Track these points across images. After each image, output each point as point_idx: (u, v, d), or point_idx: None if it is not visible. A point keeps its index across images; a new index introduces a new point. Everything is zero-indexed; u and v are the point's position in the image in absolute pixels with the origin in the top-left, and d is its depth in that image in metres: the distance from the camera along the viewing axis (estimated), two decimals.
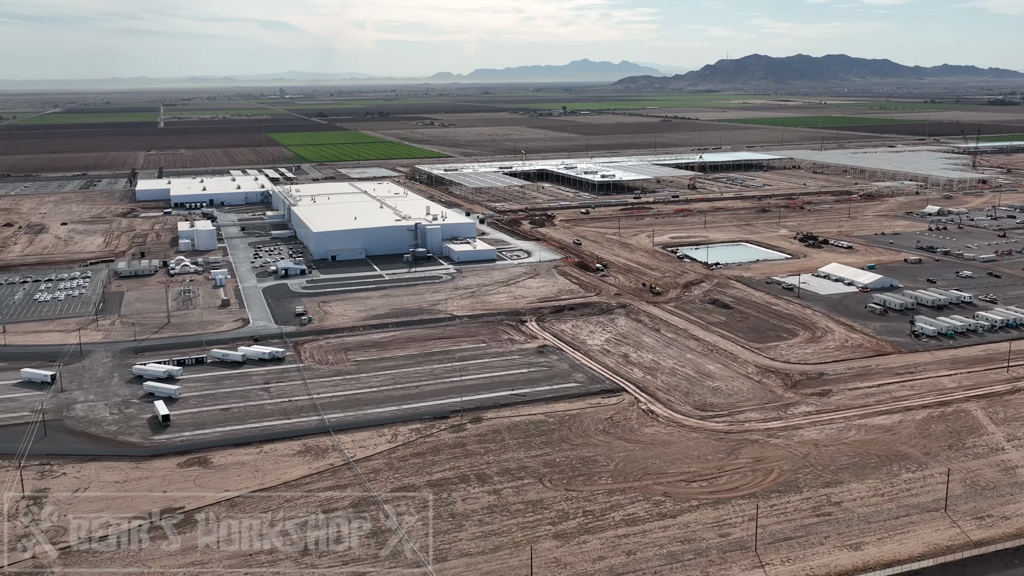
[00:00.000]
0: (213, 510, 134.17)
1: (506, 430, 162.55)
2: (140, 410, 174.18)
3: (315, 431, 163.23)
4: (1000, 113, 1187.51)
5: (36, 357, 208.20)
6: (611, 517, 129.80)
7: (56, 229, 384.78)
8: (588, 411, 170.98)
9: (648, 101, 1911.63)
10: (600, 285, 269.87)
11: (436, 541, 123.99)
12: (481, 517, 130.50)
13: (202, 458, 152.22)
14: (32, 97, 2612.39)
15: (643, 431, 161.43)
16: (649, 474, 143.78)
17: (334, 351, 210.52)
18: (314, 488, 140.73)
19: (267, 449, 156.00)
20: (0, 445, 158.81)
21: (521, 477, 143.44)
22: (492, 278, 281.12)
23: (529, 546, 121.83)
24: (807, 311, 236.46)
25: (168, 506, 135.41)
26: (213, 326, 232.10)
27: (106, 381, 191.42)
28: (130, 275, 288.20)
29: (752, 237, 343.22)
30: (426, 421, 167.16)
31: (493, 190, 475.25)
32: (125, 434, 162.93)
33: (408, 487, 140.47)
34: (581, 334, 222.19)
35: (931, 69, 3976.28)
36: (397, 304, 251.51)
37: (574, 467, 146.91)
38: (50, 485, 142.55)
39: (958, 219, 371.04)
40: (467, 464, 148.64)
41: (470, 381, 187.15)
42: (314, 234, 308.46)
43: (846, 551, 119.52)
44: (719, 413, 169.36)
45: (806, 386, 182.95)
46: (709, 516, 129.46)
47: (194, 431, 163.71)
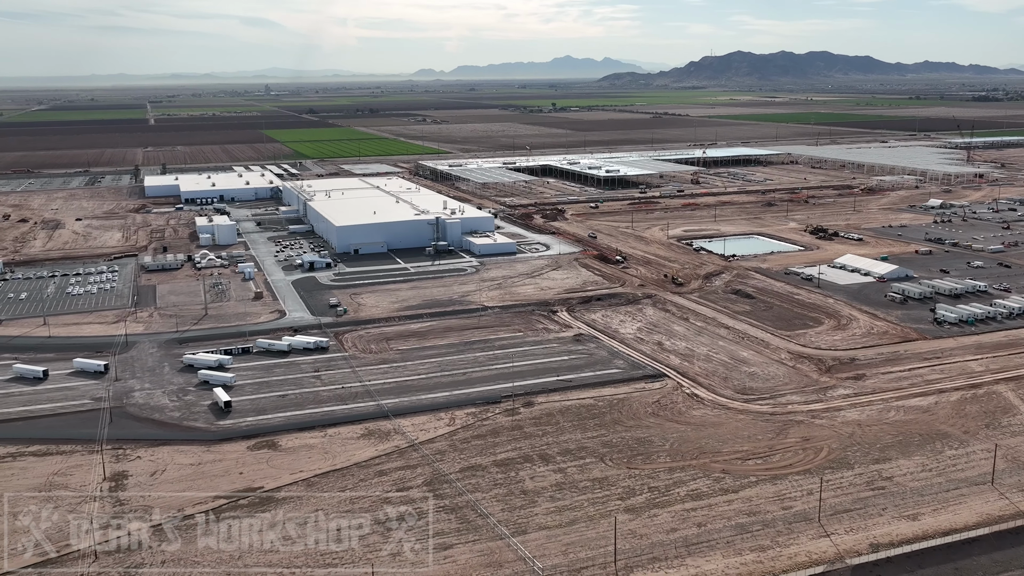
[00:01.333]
0: (293, 489, 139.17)
1: (559, 413, 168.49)
2: (198, 397, 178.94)
3: (374, 416, 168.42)
4: (985, 109, 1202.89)
5: (82, 348, 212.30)
6: (676, 492, 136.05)
7: (72, 225, 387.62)
8: (634, 395, 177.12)
9: (635, 98, 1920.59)
10: (623, 276, 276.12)
11: (514, 516, 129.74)
12: (552, 494, 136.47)
13: (270, 441, 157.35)
14: (13, 94, 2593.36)
15: (691, 413, 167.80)
16: (705, 453, 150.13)
17: (375, 340, 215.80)
18: (385, 468, 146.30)
19: (331, 433, 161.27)
20: (69, 431, 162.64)
21: (582, 457, 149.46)
22: (516, 270, 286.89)
23: (603, 519, 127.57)
24: (829, 300, 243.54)
25: (247, 486, 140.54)
26: (250, 317, 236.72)
27: (157, 370, 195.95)
28: (157, 269, 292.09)
29: (763, 230, 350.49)
30: (479, 406, 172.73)
31: (500, 185, 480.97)
32: (190, 420, 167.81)
33: (476, 467, 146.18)
34: (612, 323, 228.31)
35: (912, 66, 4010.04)
36: (428, 296, 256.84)
37: (631, 447, 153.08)
38: (127, 468, 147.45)
39: (962, 212, 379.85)
40: (528, 445, 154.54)
41: (515, 368, 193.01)
42: (336, 228, 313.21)
43: (904, 521, 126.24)
44: (761, 396, 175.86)
45: (840, 371, 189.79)
46: (769, 491, 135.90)
47: (256, 416, 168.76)
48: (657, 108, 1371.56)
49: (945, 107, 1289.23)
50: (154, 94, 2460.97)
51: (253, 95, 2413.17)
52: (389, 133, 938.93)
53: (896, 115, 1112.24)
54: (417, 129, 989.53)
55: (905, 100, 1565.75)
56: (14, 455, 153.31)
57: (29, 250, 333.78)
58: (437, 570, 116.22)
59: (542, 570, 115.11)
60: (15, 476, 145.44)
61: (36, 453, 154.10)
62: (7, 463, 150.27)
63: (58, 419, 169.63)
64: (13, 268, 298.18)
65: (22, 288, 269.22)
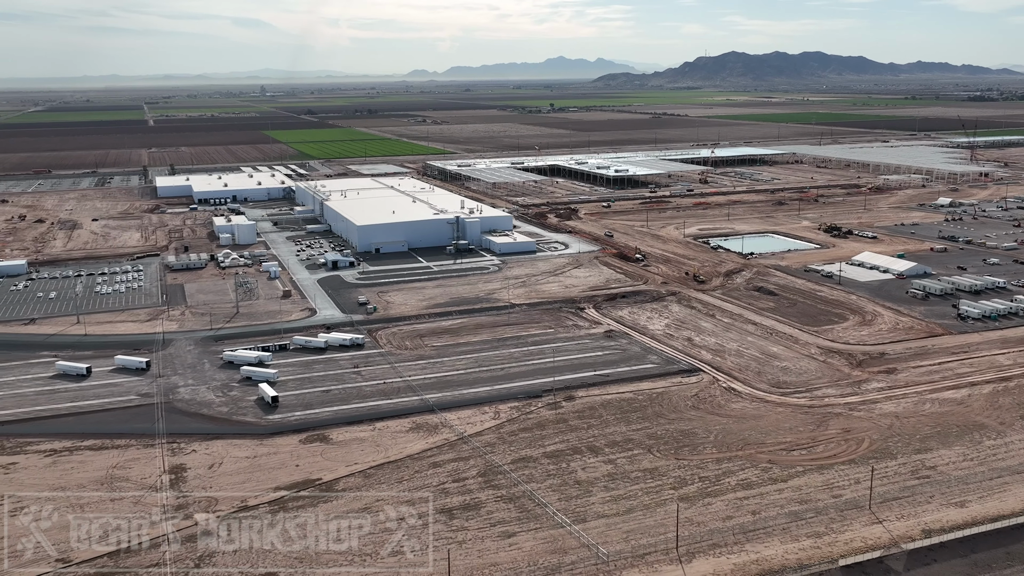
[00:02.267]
0: (351, 481, 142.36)
1: (601, 407, 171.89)
2: (244, 393, 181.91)
3: (419, 410, 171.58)
4: (981, 109, 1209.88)
5: (118, 346, 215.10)
6: (727, 482, 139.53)
7: (89, 225, 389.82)
8: (672, 389, 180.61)
9: (632, 98, 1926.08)
10: (645, 274, 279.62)
11: (571, 505, 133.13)
12: (605, 484, 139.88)
13: (321, 435, 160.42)
14: (7, 95, 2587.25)
15: (730, 407, 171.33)
16: (749, 444, 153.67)
17: (409, 337, 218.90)
18: (438, 460, 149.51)
19: (379, 427, 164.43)
20: (120, 426, 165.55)
21: (630, 448, 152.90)
22: (538, 268, 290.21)
23: (659, 507, 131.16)
24: (852, 297, 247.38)
25: (306, 478, 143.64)
26: (281, 315, 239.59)
27: (198, 367, 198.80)
28: (182, 268, 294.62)
29: (777, 228, 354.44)
30: (522, 400, 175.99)
31: (510, 185, 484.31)
32: (239, 415, 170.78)
33: (527, 458, 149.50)
34: (640, 320, 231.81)
35: (906, 66, 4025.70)
36: (454, 294, 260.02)
37: (676, 439, 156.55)
38: (185, 461, 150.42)
39: (972, 210, 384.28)
40: (575, 437, 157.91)
41: (551, 364, 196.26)
42: (357, 227, 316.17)
43: (952, 508, 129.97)
44: (797, 390, 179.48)
45: (870, 365, 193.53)
46: (817, 480, 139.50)
47: (304, 411, 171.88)
48: (655, 108, 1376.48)
49: (941, 107, 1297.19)
50: (149, 95, 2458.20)
51: (249, 96, 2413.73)
52: (391, 134, 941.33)
53: (894, 115, 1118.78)
54: (418, 130, 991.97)
55: (901, 100, 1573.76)
56: (70, 449, 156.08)
57: (50, 250, 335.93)
58: (502, 558, 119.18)
59: (607, 556, 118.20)
60: (74, 469, 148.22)
61: (92, 447, 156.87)
62: (64, 456, 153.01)
63: (108, 414, 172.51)
64: (38, 268, 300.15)
65: (50, 287, 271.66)
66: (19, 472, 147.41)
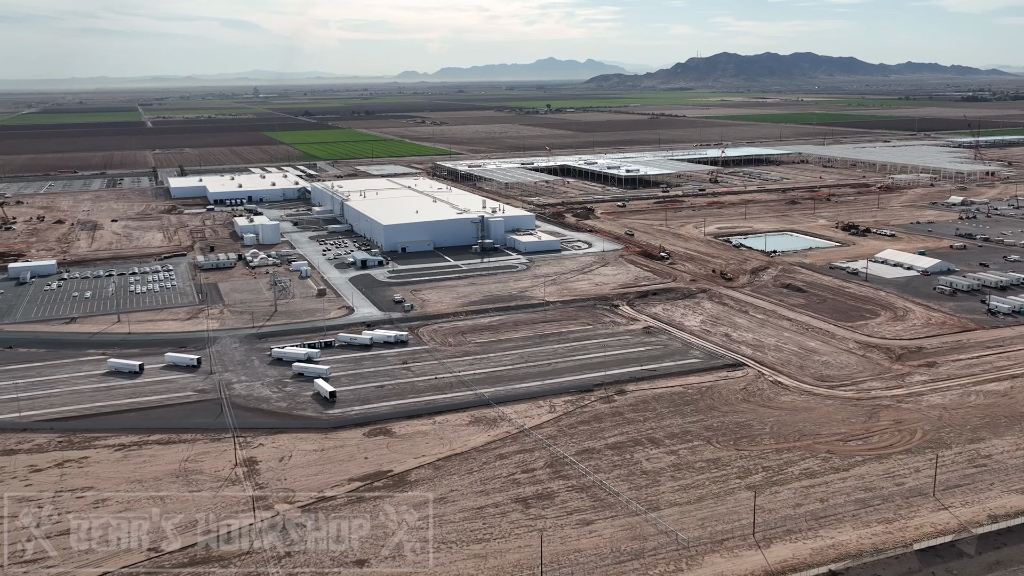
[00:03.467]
0: (421, 472, 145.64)
1: (653, 400, 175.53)
2: (298, 388, 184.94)
3: (475, 404, 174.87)
4: (975, 109, 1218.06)
5: (164, 344, 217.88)
6: (790, 471, 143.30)
7: (109, 225, 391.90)
8: (720, 383, 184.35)
9: (626, 99, 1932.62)
10: (672, 272, 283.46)
11: (641, 494, 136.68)
12: (672, 474, 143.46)
13: (384, 428, 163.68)
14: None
15: (780, 399, 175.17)
16: (805, 435, 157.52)
17: (451, 334, 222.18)
18: (504, 452, 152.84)
19: (439, 420, 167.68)
20: (184, 422, 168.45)
21: (689, 440, 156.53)
22: (566, 267, 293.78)
23: (728, 496, 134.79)
24: (880, 293, 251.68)
25: (377, 470, 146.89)
26: (320, 313, 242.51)
27: (247, 364, 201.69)
28: (211, 268, 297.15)
29: (795, 227, 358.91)
30: (574, 394, 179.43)
31: (523, 185, 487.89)
32: (299, 409, 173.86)
33: (590, 450, 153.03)
34: (675, 316, 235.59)
35: (896, 66, 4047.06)
36: (487, 292, 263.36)
37: (733, 431, 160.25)
38: (254, 454, 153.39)
39: (985, 209, 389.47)
40: (633, 430, 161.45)
41: (595, 359, 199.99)
42: (384, 227, 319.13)
43: (1015, 495, 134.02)
44: (842, 383, 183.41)
45: (910, 359, 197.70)
46: (878, 469, 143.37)
47: (362, 406, 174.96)
48: (652, 109, 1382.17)
49: (936, 107, 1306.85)
50: (140, 96, 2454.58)
51: (242, 97, 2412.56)
52: (392, 135, 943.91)
53: (891, 115, 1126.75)
54: (419, 131, 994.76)
55: (895, 101, 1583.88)
56: (138, 443, 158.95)
57: (76, 250, 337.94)
58: (585, 544, 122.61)
59: (687, 542, 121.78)
60: (146, 463, 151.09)
61: (159, 442, 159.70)
62: (135, 451, 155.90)
63: (169, 410, 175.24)
64: (68, 268, 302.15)
65: (85, 287, 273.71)
66: (93, 466, 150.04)
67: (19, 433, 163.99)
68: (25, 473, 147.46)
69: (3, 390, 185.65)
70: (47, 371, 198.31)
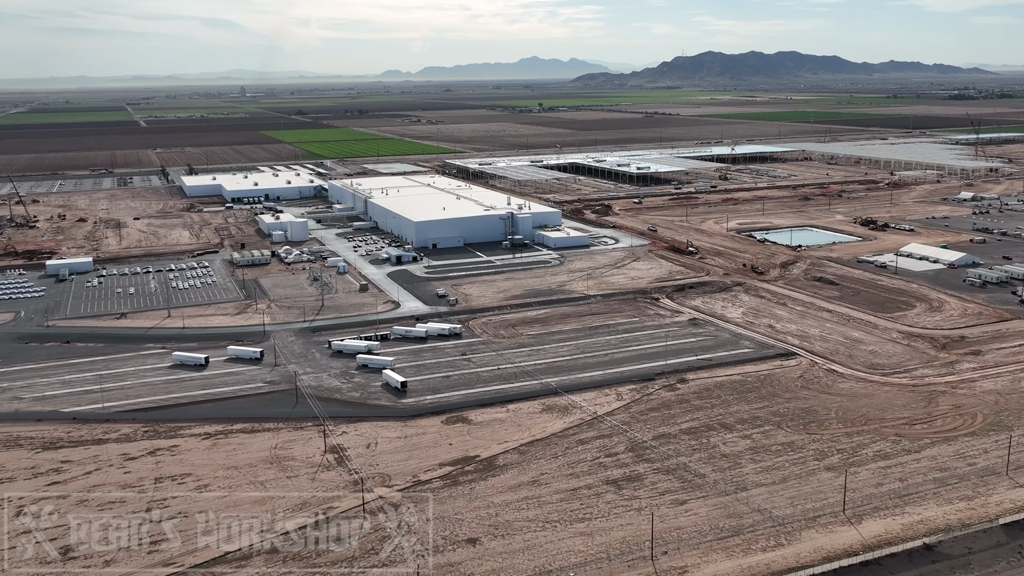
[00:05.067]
0: (508, 457, 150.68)
1: (716, 388, 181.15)
2: (366, 379, 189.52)
3: (543, 393, 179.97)
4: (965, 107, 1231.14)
5: (219, 338, 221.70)
6: (864, 453, 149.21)
7: (133, 223, 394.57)
8: (777, 372, 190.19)
9: (616, 98, 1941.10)
10: (703, 267, 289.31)
11: (726, 476, 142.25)
12: (751, 456, 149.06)
13: (460, 416, 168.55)
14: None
15: (838, 386, 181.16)
16: (871, 420, 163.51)
17: (501, 327, 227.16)
18: (583, 438, 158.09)
19: (512, 408, 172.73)
20: (262, 411, 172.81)
21: (759, 425, 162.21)
22: (598, 262, 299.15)
23: (810, 476, 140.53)
24: (912, 285, 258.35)
25: (464, 455, 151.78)
26: (367, 308, 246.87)
27: (308, 356, 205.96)
28: (247, 264, 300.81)
29: (814, 222, 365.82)
30: (637, 383, 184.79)
31: (535, 183, 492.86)
32: (373, 399, 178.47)
33: (667, 435, 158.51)
34: (715, 308, 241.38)
35: (879, 65, 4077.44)
36: (526, 286, 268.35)
37: (799, 416, 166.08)
38: (341, 442, 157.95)
39: (997, 204, 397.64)
40: (703, 416, 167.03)
41: (651, 349, 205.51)
42: (415, 224, 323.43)
43: None
44: (894, 371, 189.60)
45: (955, 347, 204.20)
46: (948, 451, 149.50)
47: (433, 395, 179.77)
48: (643, 108, 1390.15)
49: (925, 105, 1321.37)
50: (124, 96, 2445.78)
51: (229, 96, 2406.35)
52: (391, 133, 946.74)
53: (883, 113, 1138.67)
54: (417, 129, 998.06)
55: (883, 99, 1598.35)
56: (223, 432, 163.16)
57: (107, 248, 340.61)
58: (684, 522, 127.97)
59: (782, 519, 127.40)
60: (236, 451, 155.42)
61: (244, 430, 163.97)
62: (222, 439, 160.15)
63: (244, 400, 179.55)
64: (104, 265, 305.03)
65: (127, 283, 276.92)
66: (185, 454, 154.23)
67: (104, 424, 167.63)
68: (120, 461, 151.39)
69: (80, 382, 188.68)
70: (113, 364, 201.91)
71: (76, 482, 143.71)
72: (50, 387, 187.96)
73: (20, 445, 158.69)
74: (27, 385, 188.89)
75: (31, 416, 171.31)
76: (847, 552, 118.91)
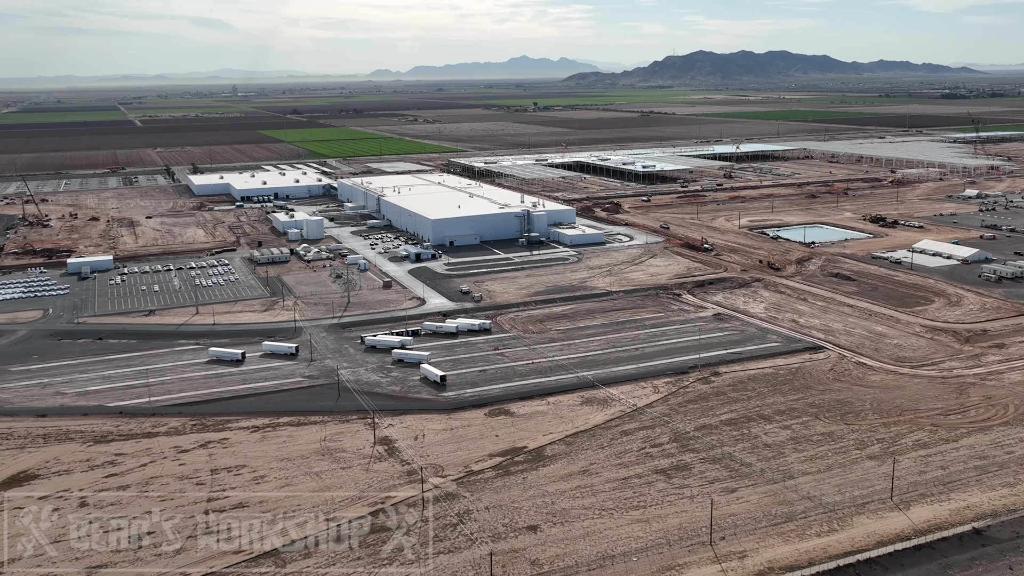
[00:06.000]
0: (555, 448, 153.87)
1: (749, 381, 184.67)
2: (404, 373, 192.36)
3: (581, 386, 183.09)
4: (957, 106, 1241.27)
5: (250, 334, 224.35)
6: (903, 443, 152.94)
7: (146, 222, 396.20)
8: (807, 365, 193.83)
9: (609, 97, 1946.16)
10: (720, 263, 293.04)
11: (772, 464, 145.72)
12: (794, 446, 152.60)
13: (503, 409, 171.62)
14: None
15: (870, 379, 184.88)
16: (906, 411, 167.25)
17: (530, 322, 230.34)
18: (626, 429, 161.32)
19: (552, 401, 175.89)
20: (305, 404, 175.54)
21: (798, 416, 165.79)
22: (616, 259, 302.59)
23: (854, 465, 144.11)
24: (929, 281, 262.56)
25: (512, 446, 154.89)
26: (394, 304, 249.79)
27: (343, 351, 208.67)
28: (267, 262, 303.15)
29: (823, 219, 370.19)
30: (671, 376, 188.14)
31: (542, 181, 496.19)
32: (413, 392, 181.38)
33: (708, 426, 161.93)
34: (738, 304, 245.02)
35: (868, 64, 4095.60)
36: (548, 282, 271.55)
37: (835, 407, 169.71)
38: (388, 434, 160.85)
39: (1002, 201, 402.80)
40: (741, 408, 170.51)
41: (680, 343, 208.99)
42: (431, 222, 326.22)
43: None
44: (922, 364, 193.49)
45: (978, 341, 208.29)
46: (985, 440, 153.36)
47: (473, 388, 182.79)
48: (637, 107, 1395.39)
49: (917, 104, 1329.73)
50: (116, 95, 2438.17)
51: (221, 96, 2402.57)
52: (389, 133, 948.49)
53: (878, 112, 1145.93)
54: (416, 129, 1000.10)
55: (876, 98, 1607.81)
56: (271, 425, 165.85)
57: (124, 246, 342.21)
58: (736, 508, 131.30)
59: (832, 505, 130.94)
60: (286, 443, 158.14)
61: (291, 423, 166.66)
62: (270, 431, 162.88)
63: (286, 394, 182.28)
64: (123, 263, 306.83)
65: (151, 281, 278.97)
66: (236, 446, 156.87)
67: (151, 417, 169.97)
68: (174, 454, 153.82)
69: (119, 378, 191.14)
70: (151, 360, 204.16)
71: (133, 474, 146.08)
72: (91, 382, 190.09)
73: (71, 439, 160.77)
74: (67, 380, 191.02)
75: (77, 411, 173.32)
76: (899, 537, 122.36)
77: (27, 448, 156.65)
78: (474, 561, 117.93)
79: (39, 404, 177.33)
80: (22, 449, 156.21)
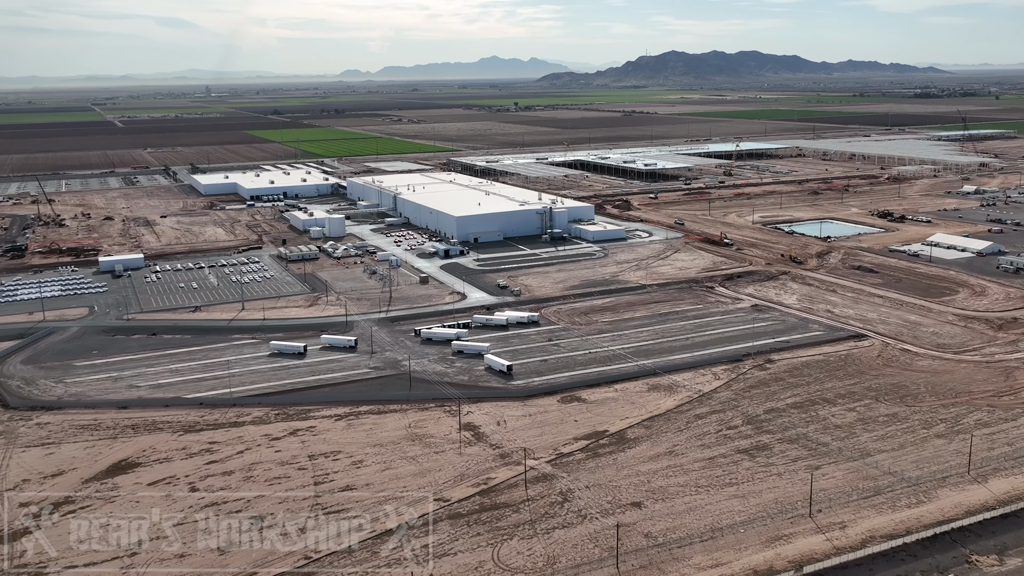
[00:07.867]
0: (635, 431, 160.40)
1: (803, 367, 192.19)
2: (467, 364, 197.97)
3: (642, 374, 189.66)
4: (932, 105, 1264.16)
5: (301, 328, 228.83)
6: (966, 422, 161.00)
7: (162, 221, 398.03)
8: (855, 352, 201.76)
9: (588, 96, 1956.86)
10: (743, 257, 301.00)
11: (846, 444, 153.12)
12: (863, 426, 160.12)
13: (574, 396, 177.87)
14: None
15: (918, 364, 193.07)
16: (960, 393, 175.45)
17: (575, 315, 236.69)
18: (698, 413, 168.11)
19: (619, 388, 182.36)
20: (381, 394, 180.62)
21: (859, 399, 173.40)
22: (640, 254, 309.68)
23: (925, 443, 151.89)
24: (950, 272, 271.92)
25: (594, 430, 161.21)
26: (436, 299, 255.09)
27: (400, 344, 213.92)
28: (298, 259, 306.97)
29: (832, 215, 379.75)
30: (727, 364, 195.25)
31: (547, 179, 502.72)
32: (483, 381, 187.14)
33: (776, 409, 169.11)
34: (770, 295, 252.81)
35: (837, 64, 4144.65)
36: (581, 276, 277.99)
37: (892, 391, 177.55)
38: (471, 420, 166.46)
39: (1002, 196, 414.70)
40: (803, 392, 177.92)
41: (727, 333, 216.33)
42: (456, 219, 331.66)
43: None
44: (963, 350, 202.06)
45: (1011, 328, 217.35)
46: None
47: (539, 377, 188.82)
48: (619, 106, 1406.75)
49: (893, 103, 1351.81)
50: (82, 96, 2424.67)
51: (194, 96, 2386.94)
52: (376, 132, 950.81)
53: (857, 111, 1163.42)
54: (402, 128, 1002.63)
55: (851, 97, 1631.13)
56: (352, 414, 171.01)
57: (148, 245, 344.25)
58: (824, 484, 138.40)
59: (915, 479, 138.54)
60: (373, 430, 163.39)
61: (371, 412, 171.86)
62: (354, 419, 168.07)
63: (359, 385, 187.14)
64: (153, 261, 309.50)
65: (188, 279, 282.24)
66: (325, 433, 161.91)
67: (232, 408, 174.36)
68: (267, 442, 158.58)
69: (187, 371, 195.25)
70: (212, 354, 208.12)
71: (232, 460, 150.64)
72: (160, 375, 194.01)
73: (160, 429, 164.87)
74: (137, 374, 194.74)
75: (157, 402, 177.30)
76: (984, 507, 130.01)
77: (119, 438, 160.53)
78: (591, 535, 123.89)
79: (117, 396, 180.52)
80: (115, 439, 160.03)
